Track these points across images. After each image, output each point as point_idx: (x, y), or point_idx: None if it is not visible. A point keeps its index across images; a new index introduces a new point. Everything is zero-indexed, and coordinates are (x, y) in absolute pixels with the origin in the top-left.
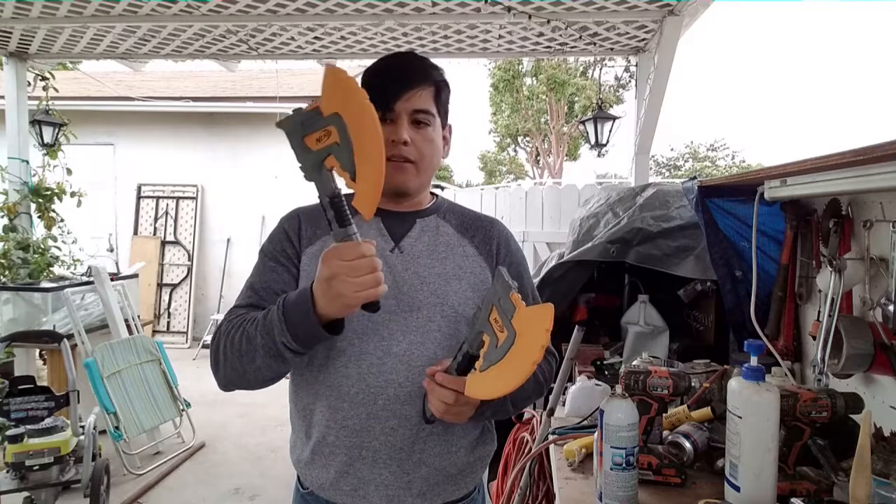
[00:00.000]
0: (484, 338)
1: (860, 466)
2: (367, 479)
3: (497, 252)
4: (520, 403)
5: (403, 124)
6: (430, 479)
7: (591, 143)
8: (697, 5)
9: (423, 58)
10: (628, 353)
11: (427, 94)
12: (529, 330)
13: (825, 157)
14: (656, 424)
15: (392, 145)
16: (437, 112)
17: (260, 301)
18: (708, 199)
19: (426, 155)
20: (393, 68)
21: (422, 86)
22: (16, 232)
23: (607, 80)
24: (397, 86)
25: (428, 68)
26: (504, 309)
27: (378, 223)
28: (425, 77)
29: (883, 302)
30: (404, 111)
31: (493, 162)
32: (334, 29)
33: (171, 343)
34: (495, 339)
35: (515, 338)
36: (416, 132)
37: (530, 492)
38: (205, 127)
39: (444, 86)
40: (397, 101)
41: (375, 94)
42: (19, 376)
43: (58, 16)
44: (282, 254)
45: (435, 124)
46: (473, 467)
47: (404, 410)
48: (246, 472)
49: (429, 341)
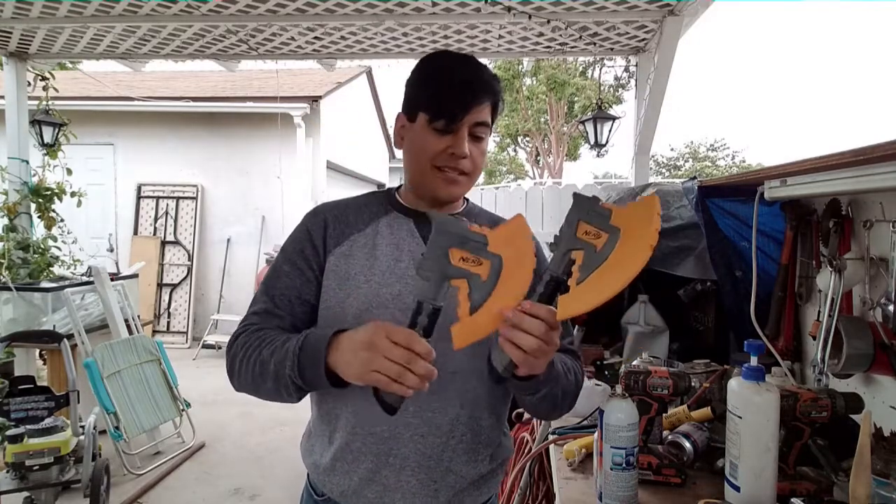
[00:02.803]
0: (573, 255)
1: (860, 466)
2: (392, 486)
3: None
4: (567, 398)
5: (465, 137)
6: (455, 487)
7: (591, 143)
8: (697, 5)
9: (485, 66)
10: (628, 353)
11: (488, 107)
12: (636, 221)
13: (825, 157)
14: (656, 424)
15: (451, 158)
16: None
17: (275, 308)
18: (708, 199)
19: (479, 167)
20: (462, 77)
21: (487, 100)
22: (16, 232)
23: (607, 80)
24: (466, 98)
25: (492, 80)
26: (597, 216)
27: (409, 224)
28: (491, 91)
29: (883, 302)
30: (467, 124)
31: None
32: (334, 29)
33: (171, 343)
34: (592, 248)
35: (621, 233)
36: (474, 145)
37: (530, 492)
38: (205, 127)
39: (501, 99)
40: (466, 115)
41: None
42: (19, 376)
43: (58, 16)
44: (301, 256)
45: (488, 137)
46: (495, 473)
47: (435, 418)
48: (246, 472)
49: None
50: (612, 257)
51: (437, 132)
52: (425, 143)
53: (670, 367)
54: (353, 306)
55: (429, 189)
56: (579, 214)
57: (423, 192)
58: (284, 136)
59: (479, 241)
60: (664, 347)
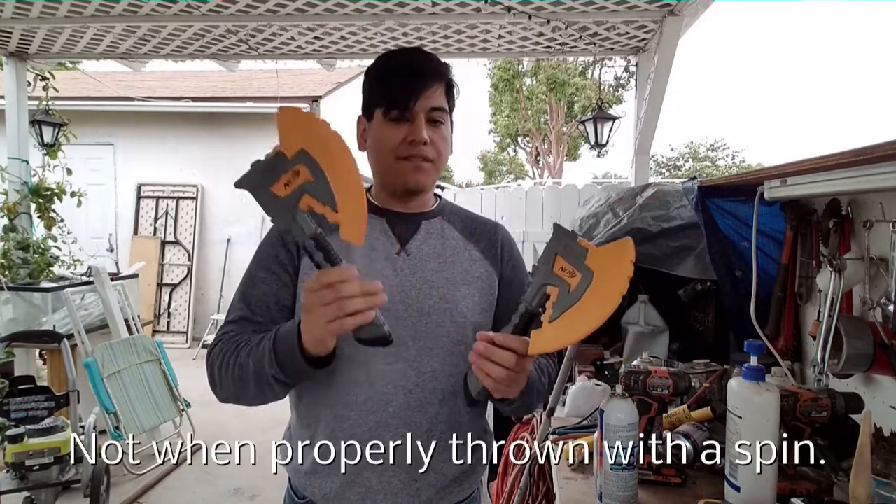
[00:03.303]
0: (548, 290)
1: (860, 466)
2: (375, 487)
3: (501, 256)
4: (539, 399)
5: (422, 123)
6: (437, 485)
7: (591, 143)
8: (697, 5)
9: (433, 54)
10: (628, 353)
11: (441, 92)
12: (610, 266)
13: (825, 157)
14: (656, 424)
15: (412, 145)
16: (448, 110)
17: (253, 315)
18: (708, 199)
19: (442, 153)
20: (408, 66)
21: (438, 83)
22: (16, 232)
23: (607, 80)
24: (415, 84)
25: (440, 65)
26: (573, 254)
27: (383, 224)
28: (440, 74)
29: (883, 302)
30: (422, 110)
31: (493, 162)
32: (334, 29)
33: (171, 343)
34: (566, 286)
35: (594, 276)
36: (434, 131)
37: (530, 492)
38: (205, 127)
39: (454, 83)
40: (416, 100)
41: (390, 92)
42: (19, 376)
43: (58, 16)
44: (275, 261)
45: (447, 122)
46: (475, 469)
47: (415, 417)
48: (246, 472)
49: (438, 347)
50: (584, 300)
51: (394, 123)
52: (385, 137)
53: (670, 367)
54: None
55: (396, 181)
56: (557, 248)
57: (391, 186)
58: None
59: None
60: (664, 347)
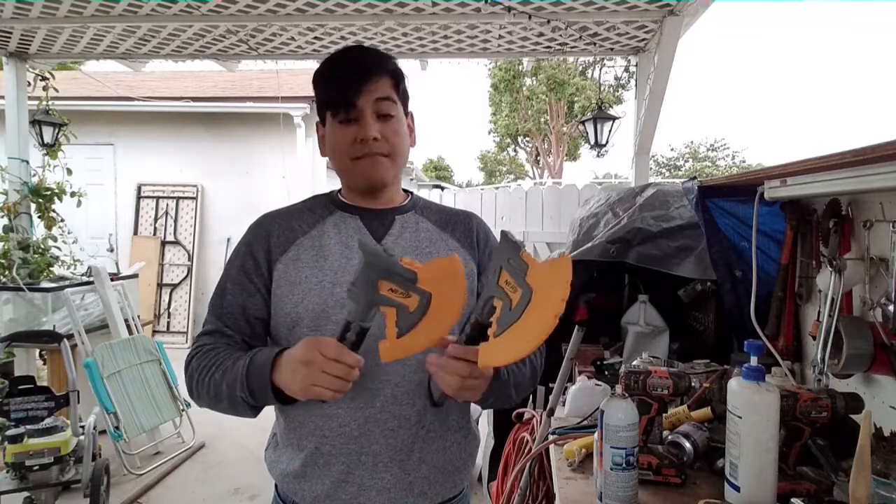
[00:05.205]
0: (495, 303)
1: (860, 466)
2: (367, 484)
3: (478, 243)
4: (520, 390)
5: (369, 121)
6: (429, 478)
7: (591, 143)
8: (697, 5)
9: (375, 49)
10: (628, 353)
11: (386, 84)
12: (547, 284)
13: (825, 157)
14: (656, 424)
15: (361, 145)
16: (399, 100)
17: (224, 328)
18: (708, 199)
19: (396, 145)
20: (347, 64)
21: (380, 76)
22: (16, 232)
23: (607, 80)
24: (355, 79)
25: (383, 58)
26: (515, 268)
27: (357, 221)
28: (382, 67)
29: (883, 302)
30: (367, 105)
31: (493, 162)
32: (334, 29)
33: (171, 343)
34: (508, 302)
35: (532, 295)
36: (383, 126)
37: (530, 492)
38: (205, 127)
39: (401, 74)
40: (359, 97)
41: (333, 93)
42: (19, 376)
43: (58, 16)
44: (242, 272)
45: (398, 114)
46: (466, 463)
47: (403, 410)
48: (246, 472)
49: None
50: (524, 319)
51: (343, 125)
52: (337, 140)
53: (670, 367)
54: (309, 309)
55: (357, 180)
56: (502, 261)
57: (354, 186)
58: (284, 136)
59: (406, 277)
60: (664, 347)
